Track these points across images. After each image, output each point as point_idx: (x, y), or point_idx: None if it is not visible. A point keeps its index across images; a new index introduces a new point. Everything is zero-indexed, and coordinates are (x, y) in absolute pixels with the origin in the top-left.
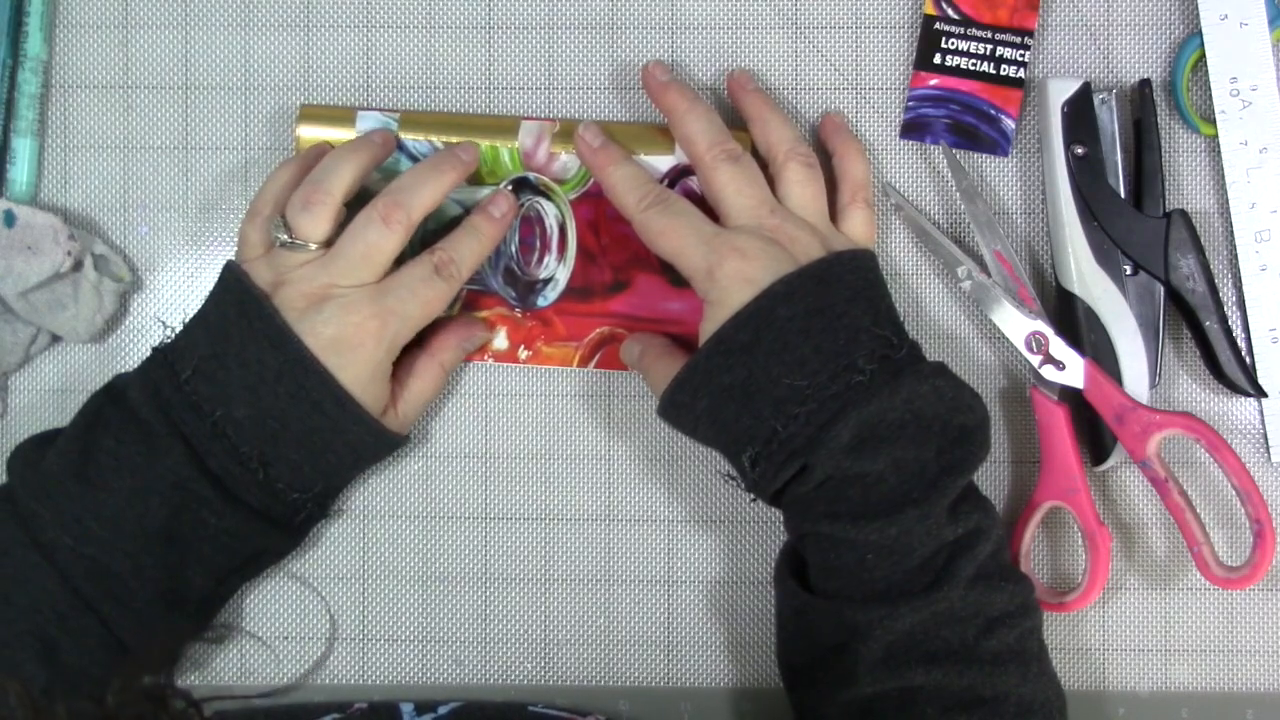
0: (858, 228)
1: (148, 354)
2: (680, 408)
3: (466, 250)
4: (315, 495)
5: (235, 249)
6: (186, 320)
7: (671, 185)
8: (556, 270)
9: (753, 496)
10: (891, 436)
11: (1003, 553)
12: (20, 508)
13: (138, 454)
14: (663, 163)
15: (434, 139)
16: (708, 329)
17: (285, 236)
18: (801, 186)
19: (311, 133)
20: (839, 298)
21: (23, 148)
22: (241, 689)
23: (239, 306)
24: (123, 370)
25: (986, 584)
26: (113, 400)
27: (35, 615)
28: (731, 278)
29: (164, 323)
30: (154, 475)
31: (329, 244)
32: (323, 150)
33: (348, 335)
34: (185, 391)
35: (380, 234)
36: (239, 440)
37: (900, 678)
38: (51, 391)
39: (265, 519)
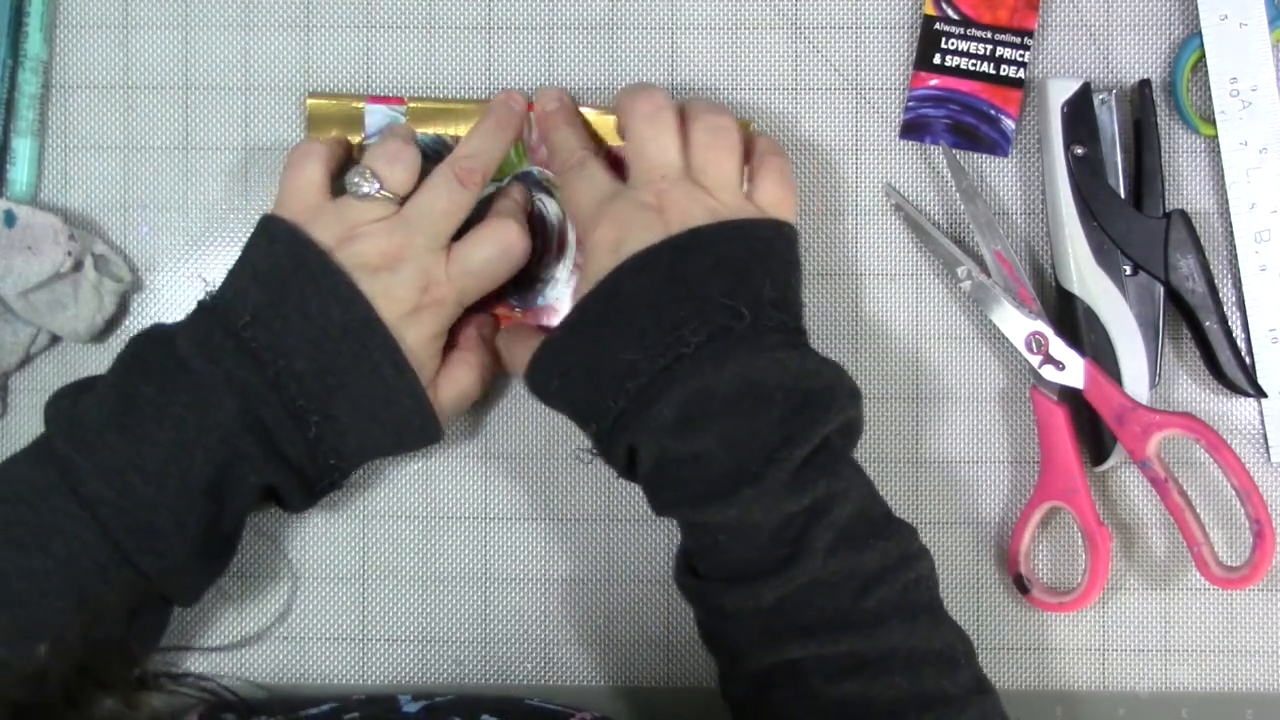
0: (768, 192)
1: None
2: (538, 386)
3: (519, 196)
4: (346, 467)
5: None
6: (226, 276)
7: None
8: (556, 270)
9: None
10: (720, 411)
11: (872, 509)
12: (58, 456)
13: (183, 405)
14: None
15: (443, 132)
16: (575, 301)
17: (373, 186)
18: (705, 149)
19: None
20: (699, 267)
21: (23, 148)
22: (236, 680)
23: (294, 258)
24: None
25: (851, 546)
26: (156, 347)
27: (73, 565)
28: (598, 245)
29: (204, 280)
30: (201, 429)
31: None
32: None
33: (419, 299)
34: (243, 339)
35: (460, 194)
36: (298, 393)
37: (779, 652)
38: (51, 391)
39: (297, 476)
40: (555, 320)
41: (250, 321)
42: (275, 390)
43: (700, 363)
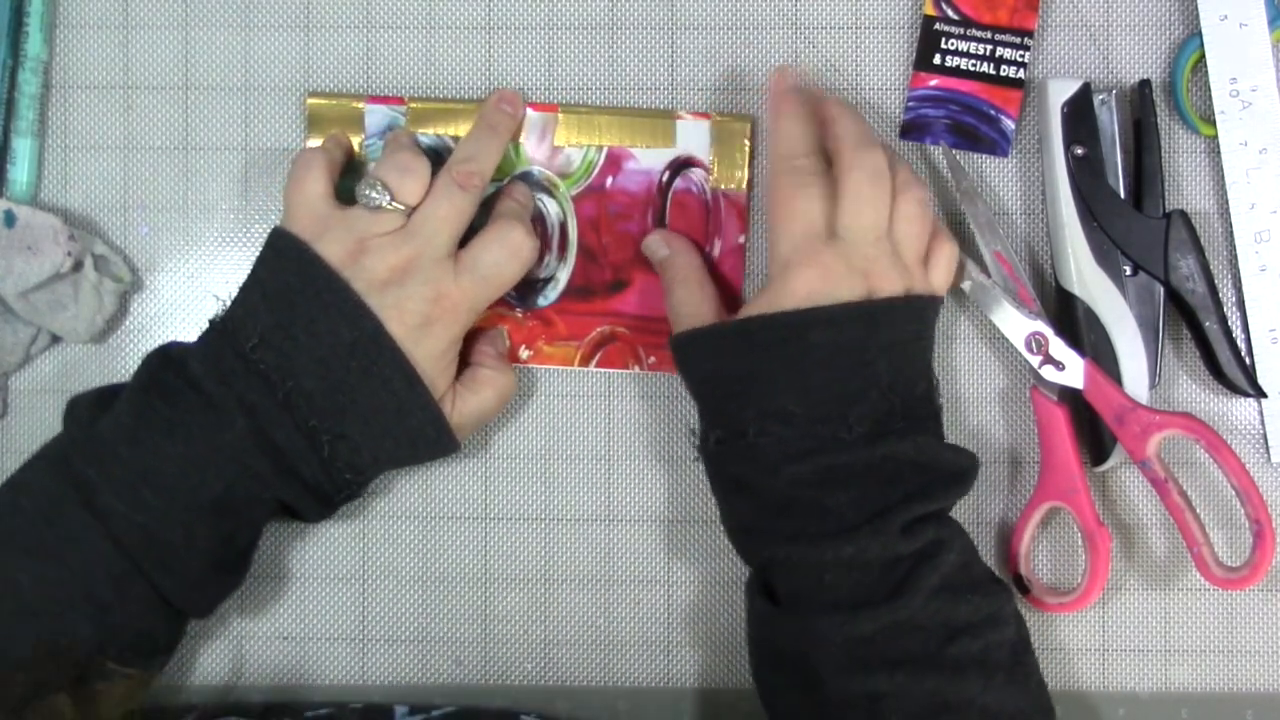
0: (940, 274)
1: (204, 327)
2: (681, 360)
3: (523, 198)
4: (363, 480)
5: (281, 218)
6: (236, 291)
7: (671, 178)
8: (557, 269)
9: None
10: (858, 477)
11: (973, 567)
12: (73, 469)
13: (196, 425)
14: (663, 156)
15: (443, 133)
16: (751, 310)
17: (385, 199)
18: (909, 223)
19: (321, 108)
20: (876, 345)
21: (23, 148)
22: (238, 688)
23: (302, 276)
24: (122, 370)
25: (951, 595)
26: (170, 369)
27: (88, 577)
28: (798, 283)
29: (217, 296)
30: (212, 448)
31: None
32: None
33: (430, 310)
34: (251, 361)
35: (460, 198)
36: (309, 413)
37: (864, 684)
38: (51, 391)
39: (313, 494)
40: (557, 319)
41: (259, 343)
42: (287, 411)
43: (855, 446)
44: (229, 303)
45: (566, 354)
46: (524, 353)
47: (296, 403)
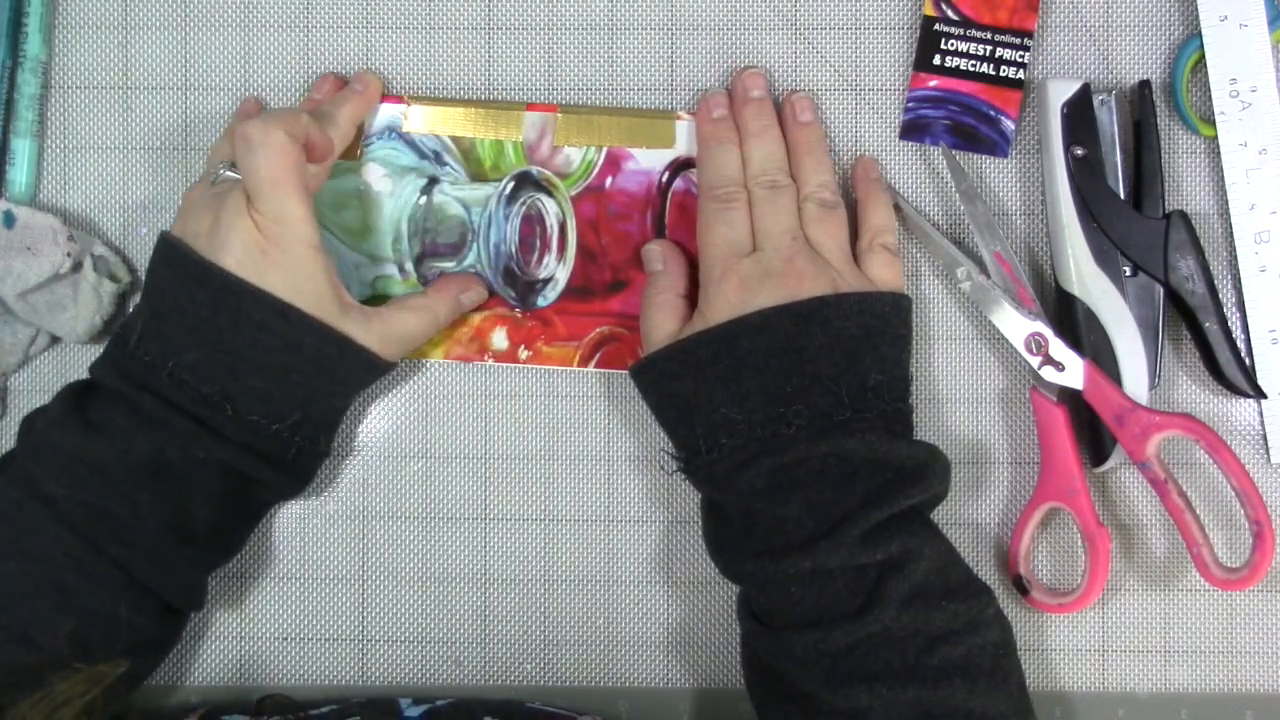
0: (876, 270)
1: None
2: (640, 385)
3: (339, 111)
4: (295, 424)
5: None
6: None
7: (671, 179)
8: (556, 270)
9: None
10: (807, 480)
11: (950, 572)
12: (21, 468)
13: (116, 413)
14: (663, 156)
15: (443, 133)
16: (687, 331)
17: (224, 169)
18: (816, 224)
19: None
20: (813, 342)
21: (22, 148)
22: (238, 688)
23: (163, 260)
24: None
25: (925, 604)
26: (86, 383)
27: (50, 563)
28: (723, 297)
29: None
30: (134, 423)
31: None
32: (254, 107)
33: (257, 239)
34: (137, 355)
35: (263, 152)
36: (198, 382)
37: (847, 699)
38: (51, 391)
39: (252, 453)
40: (556, 320)
41: (140, 338)
42: (179, 388)
43: (797, 442)
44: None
45: (566, 354)
46: (523, 353)
47: (182, 378)
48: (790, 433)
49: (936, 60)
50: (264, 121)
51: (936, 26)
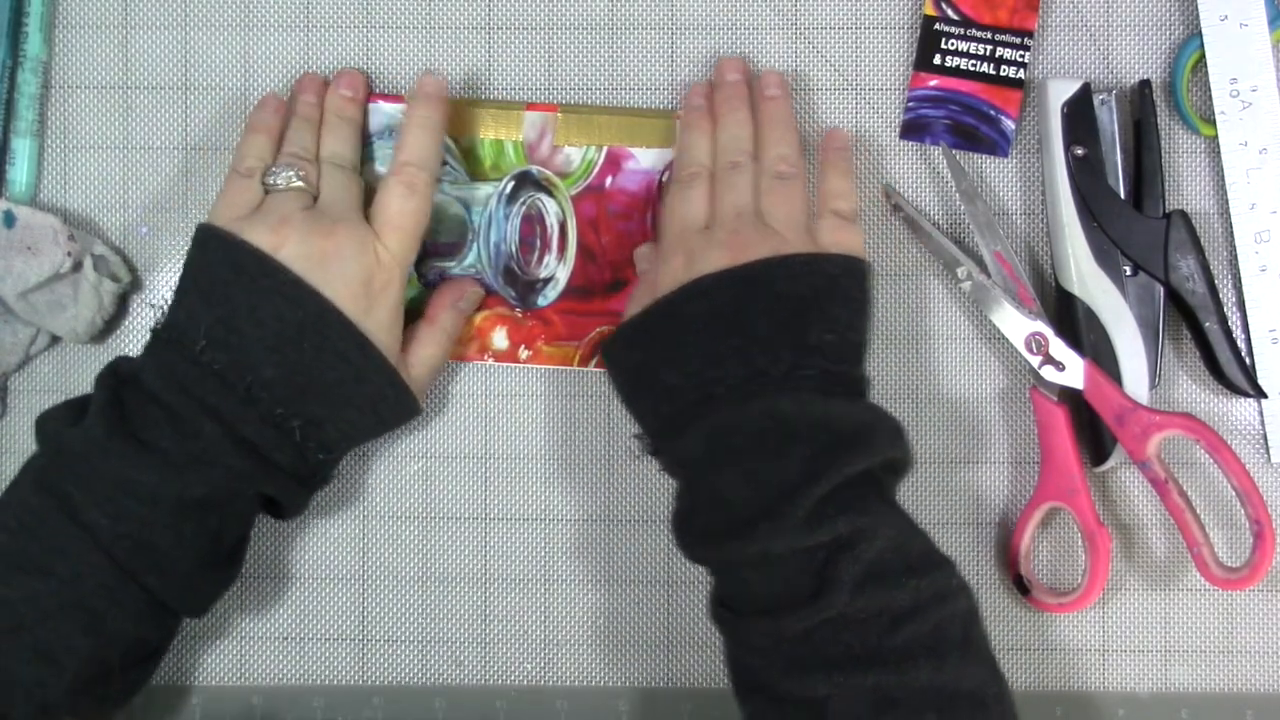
0: (827, 235)
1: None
2: (607, 363)
3: (422, 148)
4: (335, 459)
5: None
6: (171, 296)
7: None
8: (556, 269)
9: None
10: (744, 448)
11: (908, 547)
12: (51, 484)
13: (165, 437)
14: (663, 156)
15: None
16: (643, 306)
17: (293, 174)
18: (768, 194)
19: None
20: (755, 303)
21: (22, 148)
22: (240, 689)
23: (233, 266)
24: None
25: (881, 584)
26: (126, 387)
27: (79, 586)
28: (671, 270)
29: (153, 305)
30: (188, 455)
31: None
32: (277, 102)
33: (368, 277)
34: (203, 364)
35: (408, 199)
36: (273, 402)
37: (805, 688)
38: (51, 391)
39: (295, 481)
40: (556, 319)
41: (206, 345)
42: (251, 405)
43: (730, 402)
44: (167, 310)
45: (566, 354)
46: (523, 353)
47: (258, 395)
48: (720, 391)
49: (937, 60)
50: (424, 170)
51: (937, 26)
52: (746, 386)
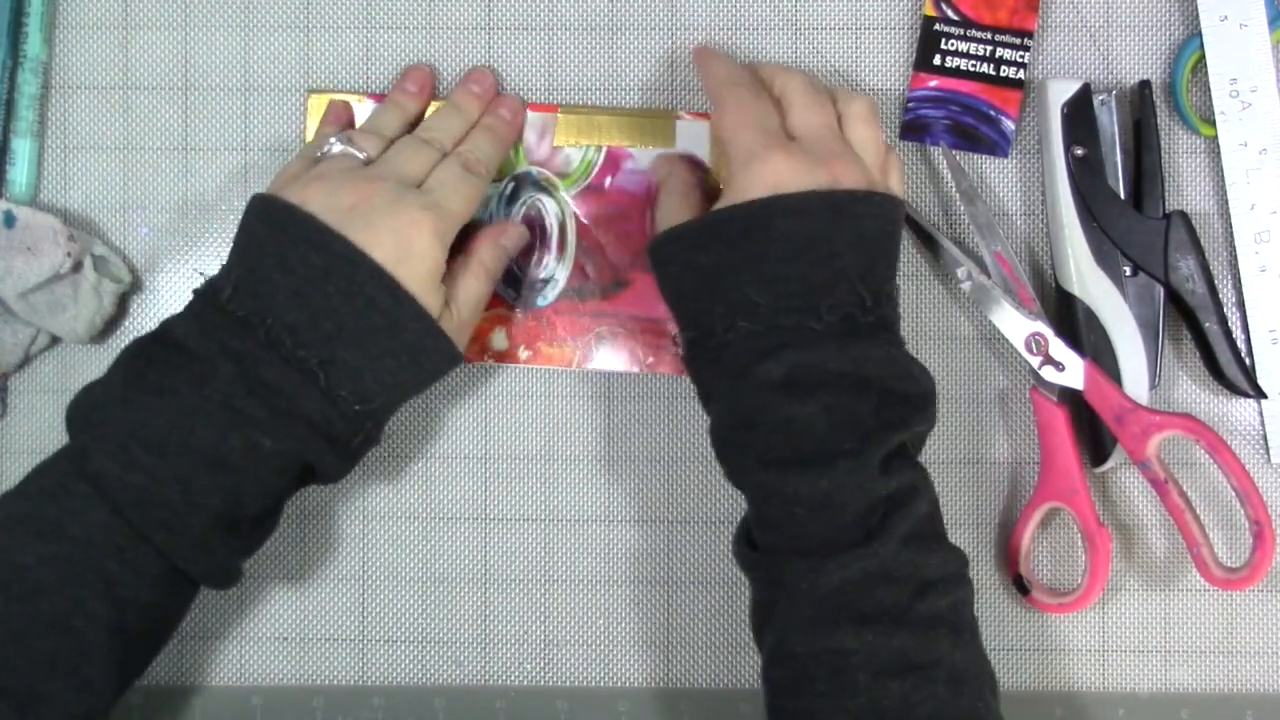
0: (895, 180)
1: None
2: (658, 261)
3: (488, 147)
4: (374, 411)
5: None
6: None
7: None
8: (556, 270)
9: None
10: (828, 384)
11: (937, 519)
12: (71, 444)
13: (183, 381)
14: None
15: None
16: (719, 205)
17: (341, 143)
18: (863, 123)
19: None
20: (843, 237)
21: (22, 148)
22: (240, 689)
23: (267, 221)
24: None
25: (921, 545)
26: (155, 338)
27: (91, 548)
28: (762, 173)
29: (202, 273)
30: (200, 397)
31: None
32: (345, 106)
33: (404, 232)
34: (229, 311)
35: (427, 154)
36: (295, 345)
37: (830, 638)
38: (51, 391)
39: (324, 437)
40: (556, 320)
41: (234, 293)
42: (272, 348)
43: (826, 339)
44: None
45: (566, 354)
46: (523, 353)
47: (280, 338)
48: (820, 328)
49: (937, 60)
50: (483, 164)
51: (936, 26)
52: (841, 325)
